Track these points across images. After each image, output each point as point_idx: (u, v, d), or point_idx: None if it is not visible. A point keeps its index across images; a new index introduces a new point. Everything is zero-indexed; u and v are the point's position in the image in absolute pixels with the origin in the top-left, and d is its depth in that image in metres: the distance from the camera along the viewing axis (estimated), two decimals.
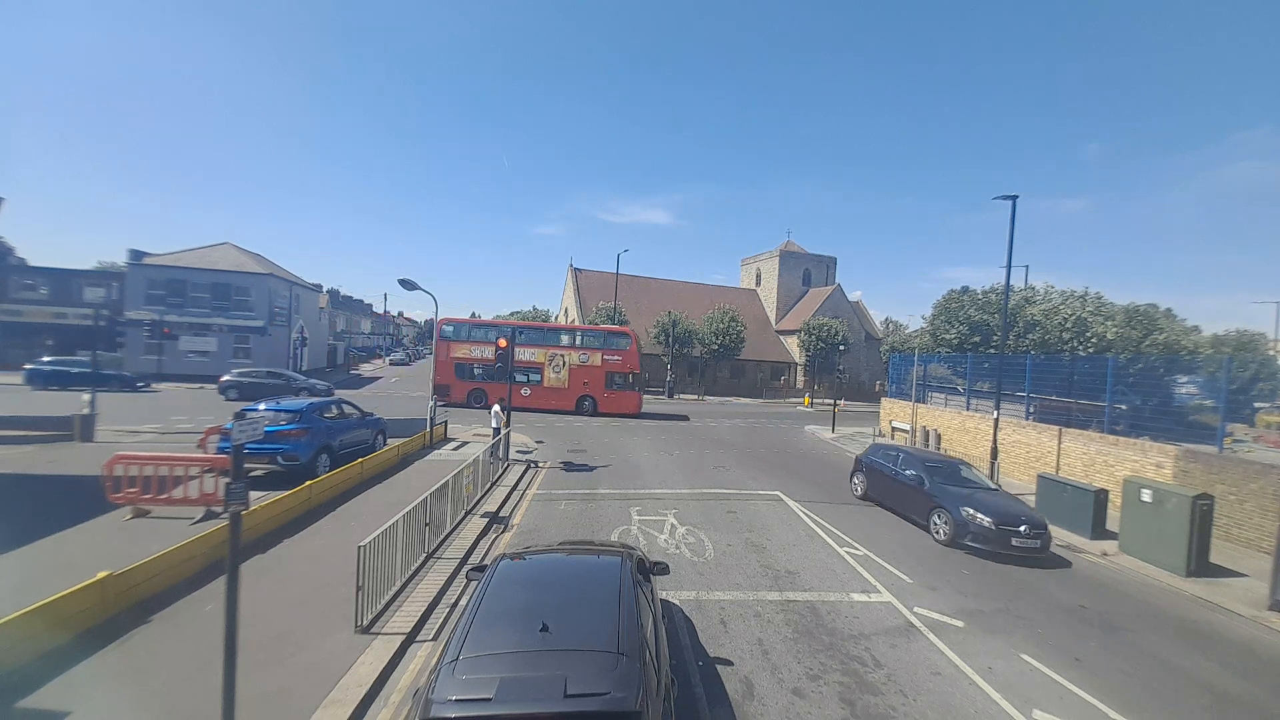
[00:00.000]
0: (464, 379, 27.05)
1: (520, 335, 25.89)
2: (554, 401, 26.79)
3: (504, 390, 21.27)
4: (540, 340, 27.69)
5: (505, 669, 3.36)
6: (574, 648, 3.60)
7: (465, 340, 27.43)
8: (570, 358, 27.10)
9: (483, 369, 26.78)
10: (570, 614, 3.97)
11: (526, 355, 26.33)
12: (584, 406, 26.84)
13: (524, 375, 26.13)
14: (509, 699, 3.13)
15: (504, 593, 4.24)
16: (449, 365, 26.83)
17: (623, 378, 26.86)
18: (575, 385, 26.90)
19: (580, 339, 27.66)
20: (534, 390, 26.68)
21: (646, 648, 3.77)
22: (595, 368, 26.92)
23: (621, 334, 27.94)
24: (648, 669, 3.54)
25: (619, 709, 3.16)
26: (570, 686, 3.21)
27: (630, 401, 27.10)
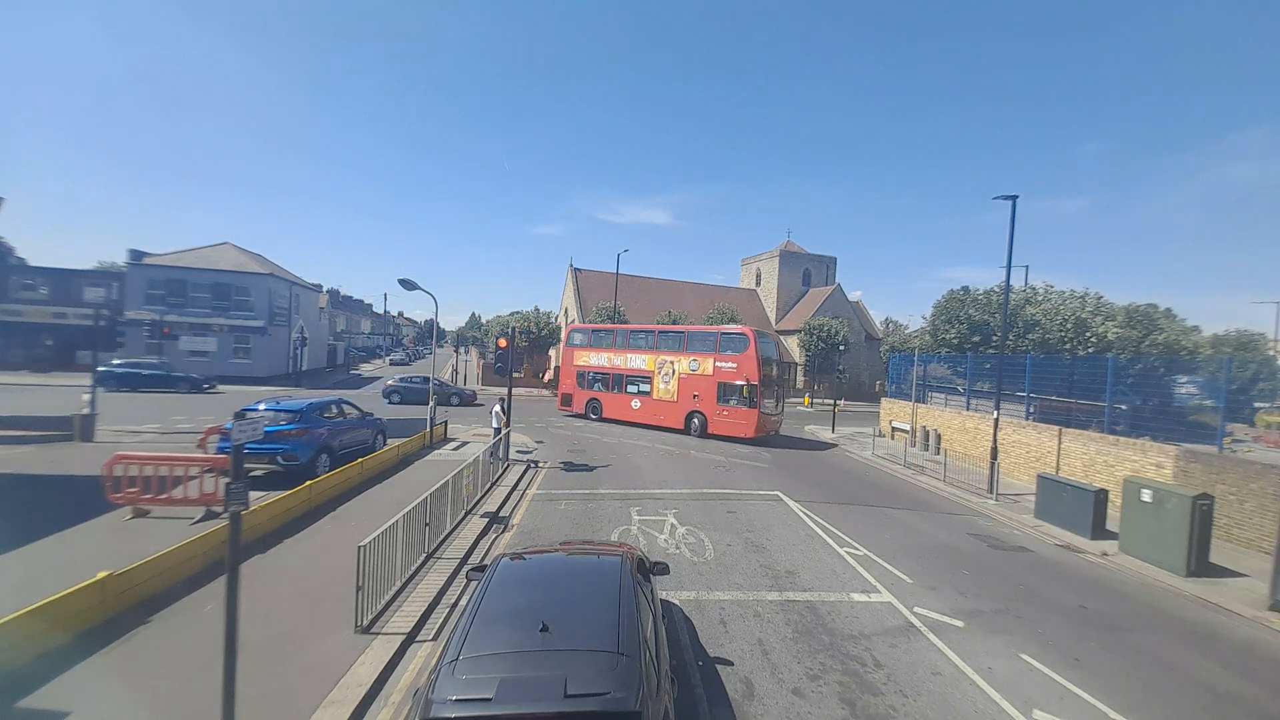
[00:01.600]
0: (584, 388, 25.36)
1: (633, 339, 24.38)
2: (662, 416, 22.82)
3: (619, 402, 23.68)
4: (649, 344, 23.95)
5: (505, 669, 3.36)
6: (574, 648, 3.59)
7: (589, 347, 25.59)
8: (679, 365, 22.35)
9: (600, 378, 24.90)
10: (570, 614, 3.96)
11: (637, 362, 23.72)
12: (692, 426, 21.92)
13: (634, 385, 23.55)
14: (509, 699, 3.13)
15: (504, 593, 4.23)
16: (572, 374, 25.83)
17: (738, 391, 20.59)
18: (684, 399, 22.16)
19: (690, 341, 22.80)
20: (644, 403, 23.35)
21: (646, 648, 3.76)
22: (706, 378, 21.57)
23: (737, 335, 21.43)
24: (648, 669, 3.54)
25: (619, 709, 3.15)
26: (570, 686, 3.21)
27: (745, 422, 20.45)
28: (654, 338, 23.82)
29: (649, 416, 23.15)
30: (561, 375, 26.21)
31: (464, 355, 73.02)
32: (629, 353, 24.00)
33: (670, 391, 22.61)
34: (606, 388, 24.45)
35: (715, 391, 21.20)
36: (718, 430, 21.13)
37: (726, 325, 27.48)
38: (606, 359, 24.65)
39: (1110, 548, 10.45)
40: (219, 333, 34.33)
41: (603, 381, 24.67)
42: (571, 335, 26.73)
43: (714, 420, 21.32)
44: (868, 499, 13.44)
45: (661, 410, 22.85)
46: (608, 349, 24.78)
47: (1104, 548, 10.49)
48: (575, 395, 25.60)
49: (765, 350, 21.18)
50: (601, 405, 24.60)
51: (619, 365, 24.22)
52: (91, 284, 35.82)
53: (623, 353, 24.25)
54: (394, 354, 70.56)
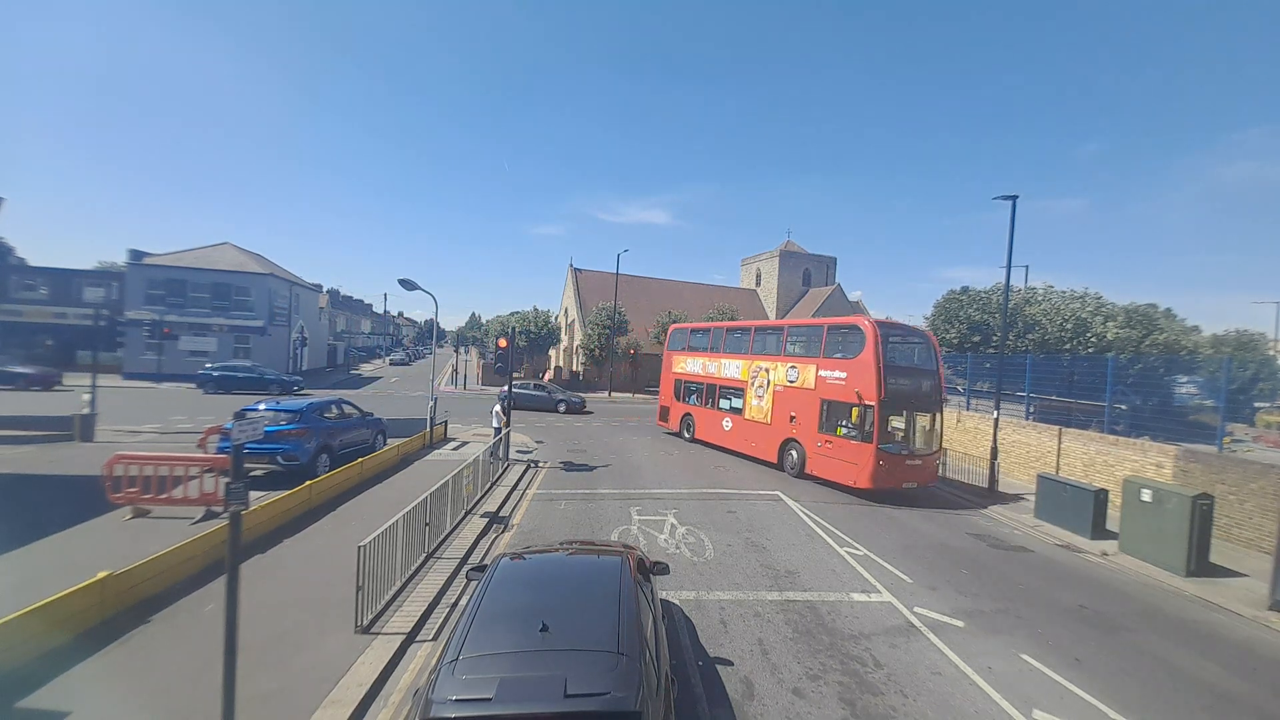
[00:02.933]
0: (681, 400, 21.15)
1: (728, 340, 19.50)
2: (754, 443, 17.02)
3: (711, 420, 19.21)
4: (743, 346, 18.51)
5: (505, 669, 3.36)
6: (574, 648, 3.59)
7: (686, 350, 21.46)
8: (775, 373, 16.41)
9: (695, 388, 20.40)
10: (570, 614, 3.96)
11: (731, 370, 18.46)
12: (787, 459, 15.67)
13: (727, 400, 18.70)
14: (509, 699, 3.13)
15: (504, 593, 4.24)
16: (670, 384, 21.92)
17: (845, 414, 13.68)
18: (779, 420, 16.10)
19: (789, 341, 16.77)
20: (735, 423, 17.98)
21: (646, 648, 3.76)
22: (806, 392, 15.08)
23: (847, 330, 14.69)
24: (648, 669, 3.54)
25: (619, 709, 3.15)
26: (570, 686, 3.21)
27: (854, 462, 13.42)
28: (749, 338, 18.46)
29: (740, 441, 17.72)
30: (661, 385, 22.75)
31: (464, 355, 73.06)
32: (723, 357, 19.12)
33: (763, 410, 16.67)
34: (701, 401, 20.02)
35: (818, 413, 14.63)
36: (818, 470, 14.63)
37: (836, 317, 19.09)
38: (701, 365, 20.29)
39: (1110, 547, 10.45)
40: (219, 333, 34.34)
41: (698, 393, 20.30)
42: (673, 336, 22.78)
43: (813, 454, 14.71)
44: (867, 499, 13.43)
45: (753, 434, 17.05)
46: (703, 353, 20.47)
47: (1104, 547, 10.49)
48: (672, 409, 21.78)
49: (894, 353, 14.19)
50: (694, 422, 20.25)
51: (713, 373, 19.51)
52: (91, 284, 35.84)
53: (717, 357, 19.47)
54: (394, 354, 70.53)
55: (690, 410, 20.48)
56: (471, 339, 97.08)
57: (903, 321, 17.01)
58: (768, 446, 16.41)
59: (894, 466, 13.34)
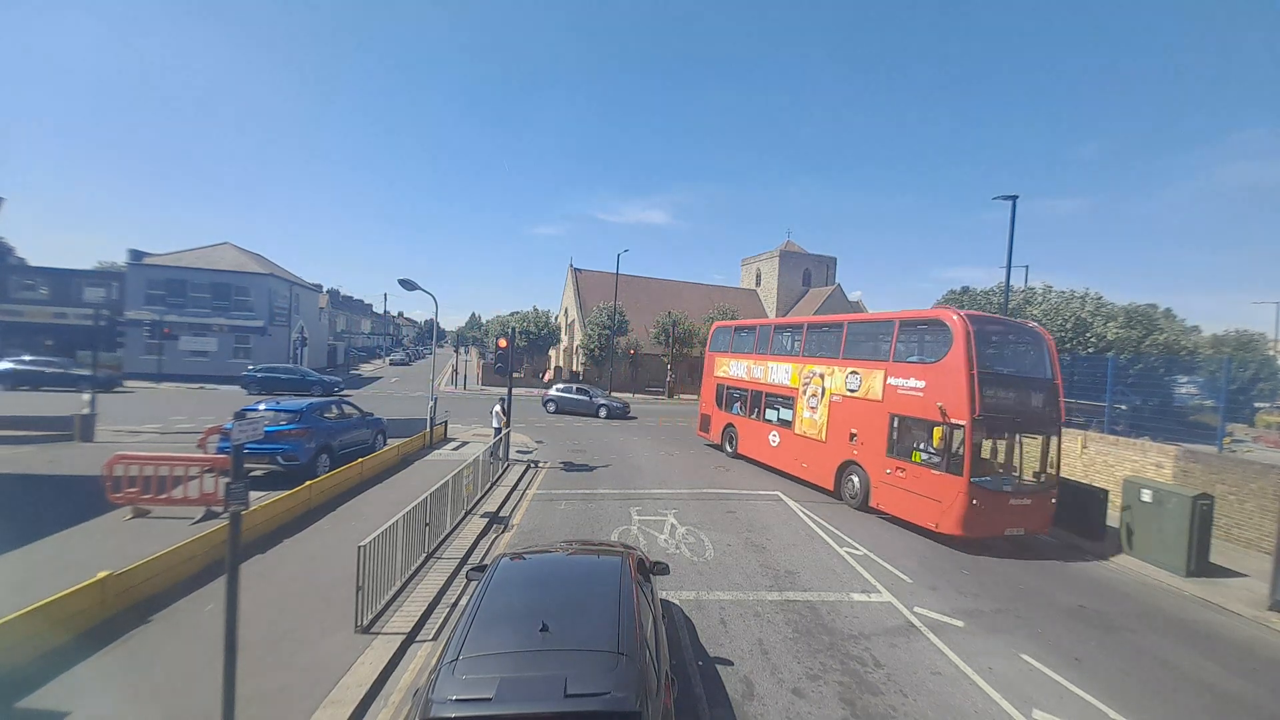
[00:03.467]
0: (723, 408, 18.50)
1: (776, 339, 16.45)
2: (805, 463, 14.16)
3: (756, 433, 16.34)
4: (793, 346, 15.58)
5: (505, 669, 3.37)
6: (574, 648, 3.60)
7: (729, 352, 18.67)
8: (831, 379, 13.46)
9: (738, 395, 17.64)
10: (570, 614, 3.96)
11: (779, 374, 15.58)
12: (847, 486, 12.76)
13: (774, 410, 15.73)
14: (509, 699, 3.14)
15: (504, 593, 4.24)
16: (712, 389, 19.23)
17: (925, 433, 10.86)
18: (837, 437, 13.12)
19: (850, 340, 13.42)
20: (783, 438, 15.15)
21: (646, 648, 3.77)
22: (871, 405, 12.19)
23: (929, 325, 11.74)
24: (648, 669, 3.55)
25: (619, 709, 3.16)
26: (570, 686, 3.22)
27: (937, 497, 10.50)
28: (800, 337, 15.44)
29: (789, 460, 14.88)
30: (703, 390, 19.98)
31: (464, 355, 73.08)
32: (770, 360, 16.19)
33: (817, 424, 13.76)
34: (745, 410, 17.16)
35: (886, 431, 11.58)
36: (885, 503, 11.60)
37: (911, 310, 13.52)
38: (745, 368, 17.39)
39: (1110, 547, 10.45)
40: (219, 333, 34.34)
41: (741, 401, 17.49)
42: (715, 335, 20.02)
43: (880, 483, 11.72)
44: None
45: (805, 453, 14.19)
46: (748, 354, 17.49)
47: (1104, 548, 10.49)
48: (714, 418, 19.02)
49: (992, 356, 10.95)
50: (737, 434, 17.51)
51: (759, 379, 16.58)
52: (91, 284, 35.82)
53: (763, 360, 16.50)
54: (394, 354, 70.57)
55: (733, 421, 17.77)
56: (471, 339, 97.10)
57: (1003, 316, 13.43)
58: (822, 469, 13.44)
59: (993, 507, 9.96)
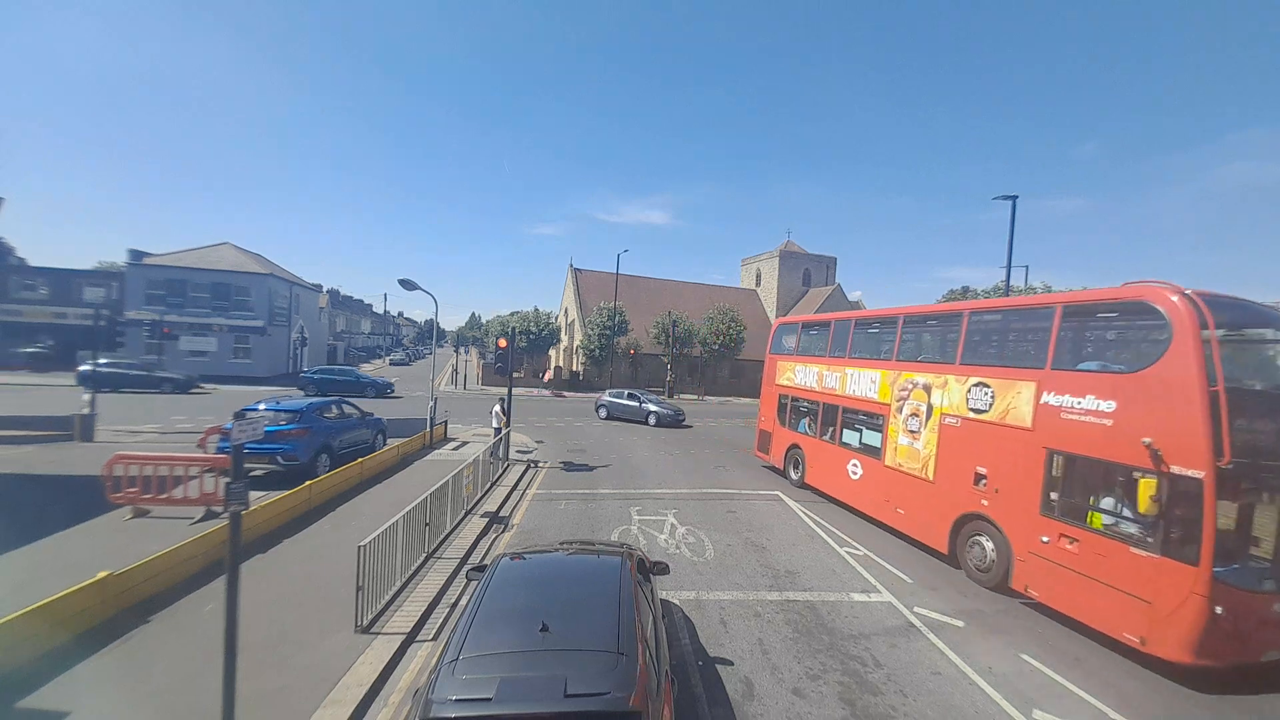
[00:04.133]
0: (786, 424, 14.66)
1: (856, 336, 12.48)
2: (901, 507, 10.33)
3: (829, 459, 12.31)
4: (883, 347, 11.74)
5: (505, 669, 3.37)
6: (574, 648, 3.60)
7: (795, 355, 14.75)
8: (943, 394, 9.40)
9: (807, 409, 13.79)
10: (570, 614, 3.96)
11: (861, 384, 11.65)
12: (971, 552, 8.64)
13: (854, 431, 11.92)
14: (509, 699, 3.14)
15: (504, 593, 4.24)
16: (773, 399, 15.41)
17: (1124, 488, 6.51)
18: (951, 476, 9.11)
19: (971, 335, 9.38)
20: (867, 470, 11.35)
21: (646, 648, 3.76)
22: (1011, 432, 8.02)
23: (1132, 309, 7.05)
24: (648, 669, 3.54)
25: (619, 709, 3.17)
26: (570, 686, 3.22)
27: (1154, 600, 5.98)
28: (894, 333, 11.09)
29: (876, 500, 10.99)
30: (762, 402, 16.26)
31: (464, 355, 73.08)
32: (847, 364, 12.12)
33: (919, 456, 9.86)
34: (816, 429, 13.24)
35: (1038, 475, 7.67)
36: (1041, 589, 7.50)
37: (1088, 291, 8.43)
38: (815, 375, 13.34)
39: None
40: (219, 333, 34.32)
41: (811, 417, 13.57)
42: (777, 334, 16.01)
43: (1030, 556, 7.67)
44: None
45: (900, 493, 10.28)
46: (819, 357, 13.45)
47: None
48: (774, 436, 15.20)
49: (1240, 363, 7.20)
50: (804, 459, 13.63)
51: (832, 388, 12.60)
52: (91, 284, 35.79)
53: (838, 364, 12.45)
54: (394, 354, 70.59)
55: (800, 441, 13.92)
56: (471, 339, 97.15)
57: (1242, 298, 7.05)
58: (927, 520, 9.41)
59: (1249, 616, 5.91)
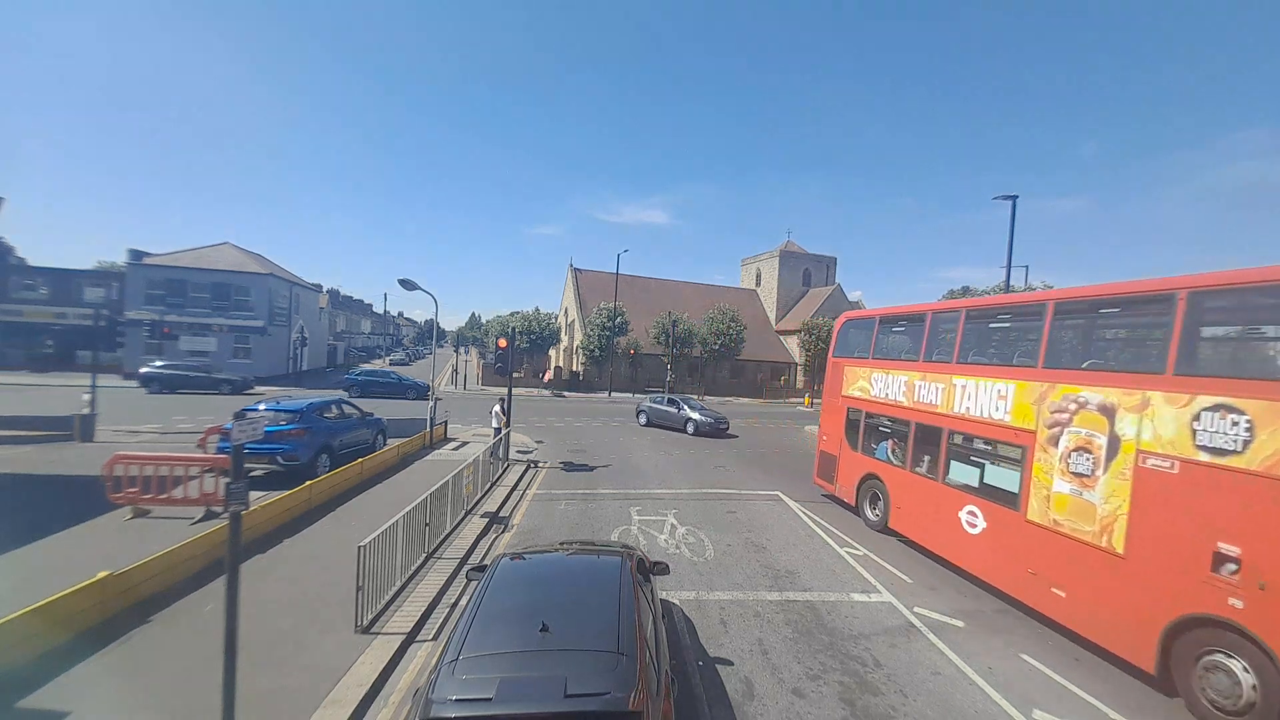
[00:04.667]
0: (858, 447, 11.42)
1: (970, 329, 9.12)
2: (1062, 586, 6.80)
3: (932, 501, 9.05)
4: (1017, 347, 8.66)
5: (505, 669, 3.37)
6: (574, 648, 3.60)
7: (870, 358, 11.31)
8: (1144, 421, 5.98)
9: (891, 429, 10.57)
10: (570, 614, 3.96)
11: (984, 401, 8.20)
12: (1209, 682, 5.30)
13: (970, 467, 8.55)
14: (509, 699, 3.14)
15: (504, 593, 4.24)
16: (839, 414, 12.04)
17: None
18: (1159, 552, 5.79)
19: (1188, 328, 5.81)
20: (997, 521, 7.84)
21: (647, 648, 3.76)
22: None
23: None
24: (648, 669, 3.54)
25: (619, 709, 3.16)
26: (570, 686, 3.22)
27: None
28: (1041, 326, 7.58)
29: (1012, 569, 7.61)
30: (823, 417, 12.95)
31: (464, 355, 73.09)
32: (955, 371, 8.99)
33: (1096, 513, 6.50)
34: (904, 456, 10.11)
35: None
36: None
37: None
38: (904, 385, 10.13)
39: None
40: (219, 333, 34.31)
41: (897, 441, 10.43)
42: (844, 332, 12.44)
43: None
44: None
45: (1060, 564, 6.91)
46: (908, 361, 10.32)
47: None
48: (841, 461, 11.90)
49: None
50: (888, 495, 10.43)
51: (930, 404, 9.42)
52: (91, 284, 35.80)
53: (942, 370, 9.28)
54: (394, 354, 70.63)
55: (880, 471, 10.60)
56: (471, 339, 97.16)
57: None
58: (1115, 614, 6.30)
59: None
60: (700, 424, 22.35)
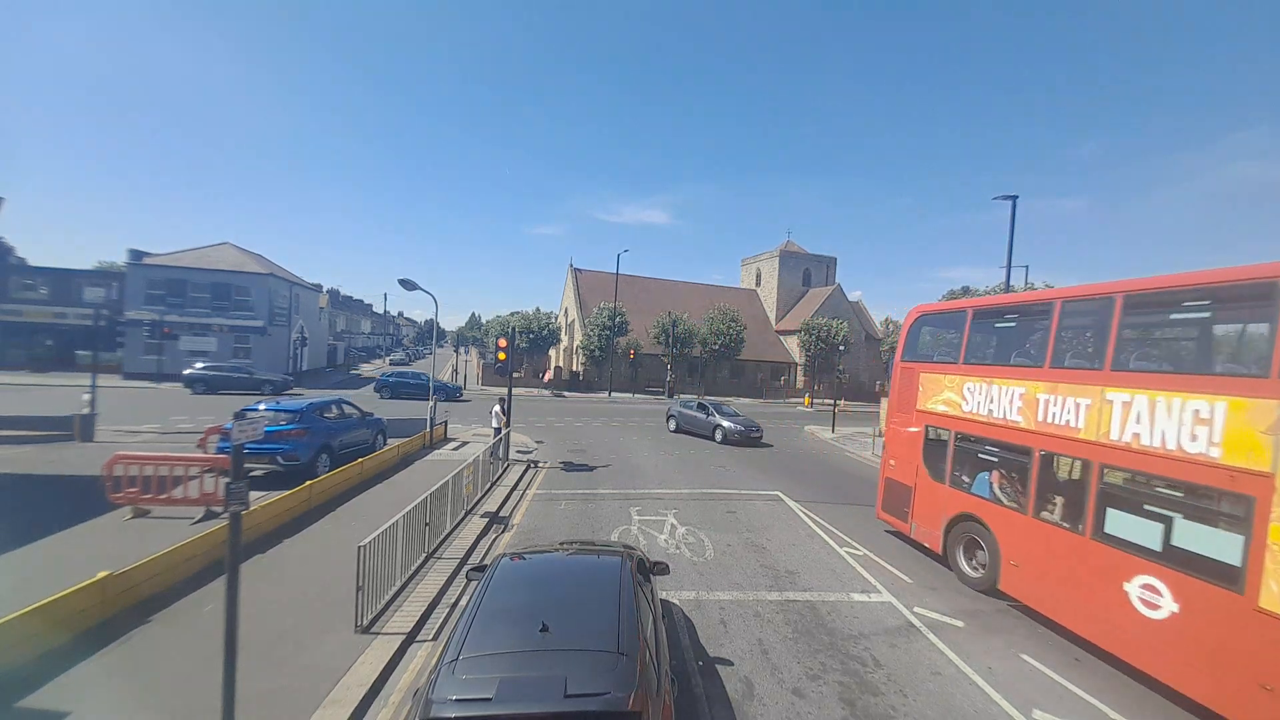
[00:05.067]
0: (942, 477, 9.02)
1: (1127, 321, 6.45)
2: None
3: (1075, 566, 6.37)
4: (1235, 354, 6.37)
5: (505, 669, 3.37)
6: (574, 648, 3.61)
7: (958, 363, 8.81)
8: None
9: (997, 455, 8.09)
10: (570, 614, 3.97)
11: (1178, 423, 5.61)
12: None
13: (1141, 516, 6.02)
14: (509, 699, 3.15)
15: (504, 592, 4.25)
16: (911, 444, 9.77)
17: None
18: None
19: None
20: (1188, 597, 5.45)
21: (646, 648, 3.76)
22: None
23: None
24: (647, 669, 3.55)
25: (619, 709, 3.17)
26: (570, 686, 3.23)
27: None
28: (1274, 315, 4.95)
29: (1216, 676, 5.23)
30: (888, 436, 10.61)
31: (464, 355, 73.11)
32: (1108, 382, 6.36)
33: None
34: (1020, 494, 7.67)
35: None
36: None
37: None
38: (1018, 399, 7.59)
39: None
40: (219, 333, 34.29)
41: (1011, 472, 7.98)
42: (918, 331, 10.19)
43: None
44: (868, 499, 13.42)
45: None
46: (1022, 367, 7.76)
47: None
48: (918, 492, 9.61)
49: None
50: (996, 545, 7.89)
51: (1067, 426, 6.83)
52: (91, 284, 35.77)
53: (1085, 379, 6.72)
54: (394, 354, 70.65)
55: (981, 511, 8.29)
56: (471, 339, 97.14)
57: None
58: None
59: None
60: (730, 431, 20.63)
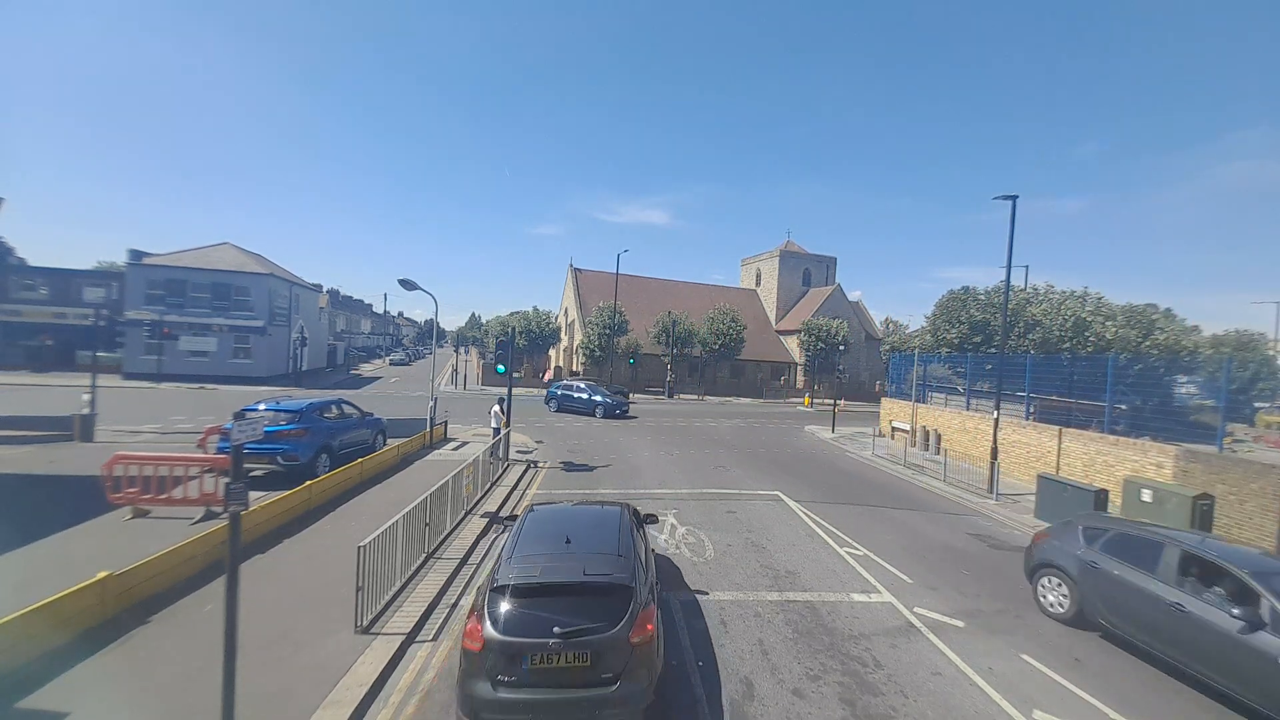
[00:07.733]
0: None
1: None
2: None
3: None
4: None
5: (543, 563, 4.95)
6: (589, 551, 5.17)
7: None
8: None
9: None
10: (585, 535, 5.55)
11: None
12: None
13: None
14: (548, 576, 4.74)
15: (536, 524, 5.85)
16: None
17: None
18: None
19: None
20: None
21: (638, 556, 5.32)
22: None
23: None
24: (638, 566, 5.11)
25: (618, 583, 4.73)
26: (587, 571, 4.81)
27: None
28: None
29: None
30: None
31: (464, 355, 73.10)
32: None
33: None
34: None
35: None
36: None
37: None
38: None
39: None
40: (219, 333, 34.28)
41: None
42: None
43: None
44: (868, 499, 13.43)
45: None
46: None
47: None
48: None
49: None
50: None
51: None
52: (91, 284, 35.80)
53: None
54: (394, 354, 70.61)
55: None
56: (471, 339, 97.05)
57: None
58: None
59: None
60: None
